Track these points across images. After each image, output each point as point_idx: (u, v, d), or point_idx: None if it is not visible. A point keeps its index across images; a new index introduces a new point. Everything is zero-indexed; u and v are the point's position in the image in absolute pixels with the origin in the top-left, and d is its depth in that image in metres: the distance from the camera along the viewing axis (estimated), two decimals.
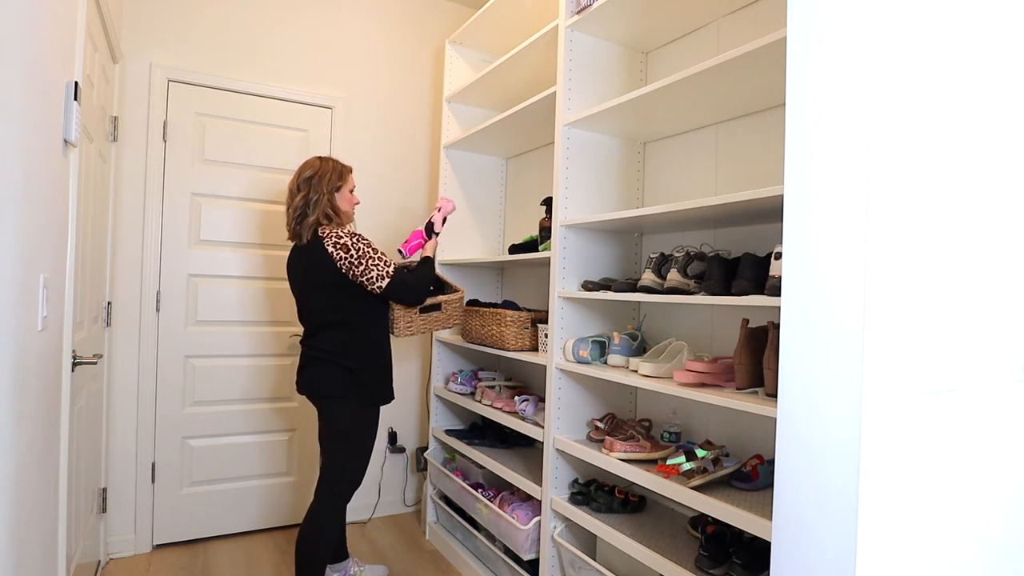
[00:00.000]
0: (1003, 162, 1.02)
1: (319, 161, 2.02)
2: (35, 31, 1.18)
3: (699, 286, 1.60)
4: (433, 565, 2.55)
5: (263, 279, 2.78)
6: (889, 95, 0.84)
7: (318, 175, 1.98)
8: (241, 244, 2.73)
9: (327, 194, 1.97)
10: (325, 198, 1.96)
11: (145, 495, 2.57)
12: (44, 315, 1.32)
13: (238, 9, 2.71)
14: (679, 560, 1.54)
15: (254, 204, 2.75)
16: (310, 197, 1.96)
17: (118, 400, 2.51)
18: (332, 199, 1.99)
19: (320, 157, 2.04)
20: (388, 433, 3.07)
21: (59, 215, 1.48)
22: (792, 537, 0.91)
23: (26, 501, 1.23)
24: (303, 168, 2.01)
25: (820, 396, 0.88)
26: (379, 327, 2.05)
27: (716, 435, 1.81)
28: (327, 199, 1.97)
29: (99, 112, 2.08)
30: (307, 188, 1.96)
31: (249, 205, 2.74)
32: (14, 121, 1.07)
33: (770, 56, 1.37)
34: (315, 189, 1.96)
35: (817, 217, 0.89)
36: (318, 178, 1.97)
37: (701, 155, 1.93)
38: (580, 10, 1.91)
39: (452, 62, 2.82)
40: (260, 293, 2.77)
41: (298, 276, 2.02)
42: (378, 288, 1.93)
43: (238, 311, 2.73)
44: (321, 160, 2.02)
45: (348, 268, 1.90)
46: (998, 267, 1.02)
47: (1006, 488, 1.05)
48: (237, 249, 2.73)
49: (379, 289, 1.93)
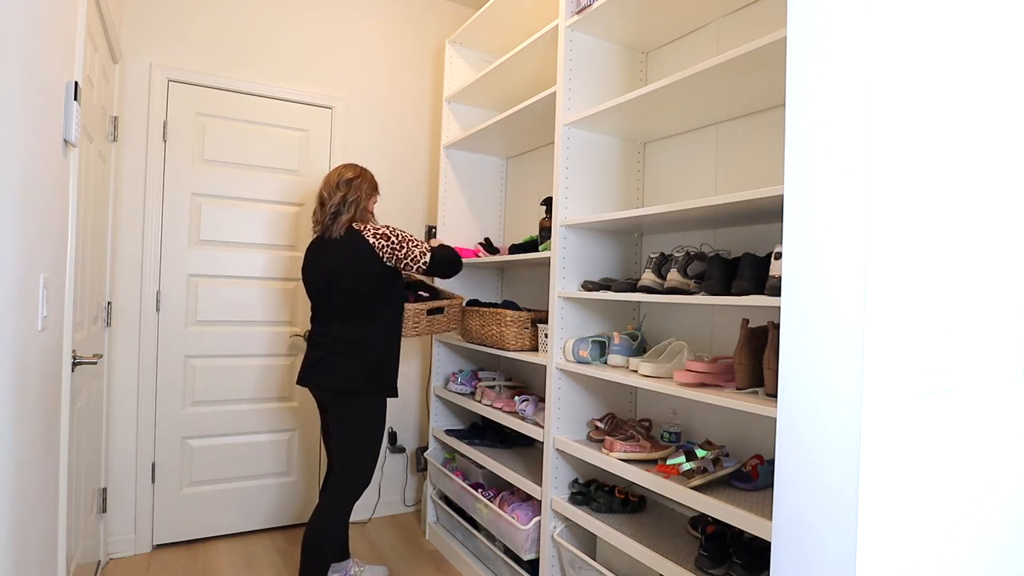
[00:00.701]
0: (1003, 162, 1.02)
1: (361, 168, 2.15)
2: (35, 31, 1.18)
3: (699, 286, 1.60)
4: (433, 565, 2.55)
5: (263, 279, 2.78)
6: (889, 95, 0.84)
7: (359, 179, 2.11)
8: (241, 244, 2.73)
9: (364, 199, 2.10)
10: (362, 202, 2.10)
11: (145, 495, 2.57)
12: (44, 315, 1.32)
13: (238, 9, 2.71)
14: (679, 560, 1.54)
15: (254, 204, 2.75)
16: (348, 197, 2.07)
17: (118, 400, 2.51)
18: (367, 203, 2.13)
19: (360, 166, 2.18)
20: (388, 433, 3.07)
21: (59, 215, 1.48)
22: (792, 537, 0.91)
23: (26, 501, 1.23)
24: (344, 169, 2.12)
25: (820, 396, 0.88)
26: (399, 322, 2.15)
27: (716, 435, 1.81)
28: (364, 203, 2.10)
29: (99, 112, 2.08)
30: (347, 188, 2.07)
31: (249, 205, 2.74)
32: (14, 121, 1.07)
33: (770, 56, 1.37)
34: (355, 191, 2.08)
35: (817, 217, 0.89)
36: (359, 182, 2.10)
37: (701, 155, 1.93)
38: (580, 10, 1.91)
39: (452, 62, 2.82)
40: (260, 293, 2.77)
41: (325, 268, 2.06)
42: (424, 264, 2.08)
43: (238, 311, 2.73)
44: (362, 168, 2.16)
45: (391, 254, 2.02)
46: (998, 267, 1.02)
47: (1006, 488, 1.05)
48: (237, 249, 2.73)
49: (424, 265, 2.08)
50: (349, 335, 2.02)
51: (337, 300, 2.03)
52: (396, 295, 2.11)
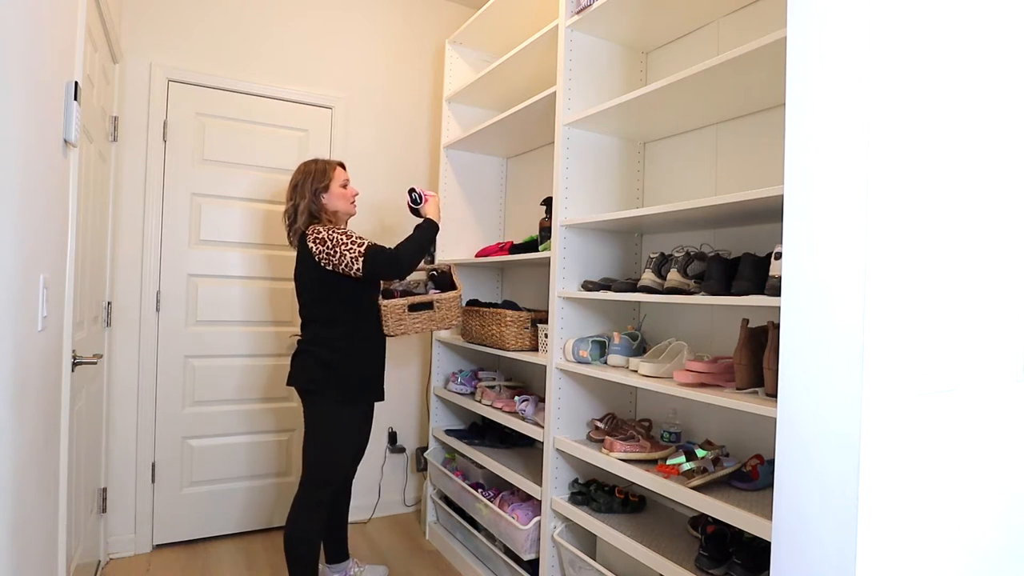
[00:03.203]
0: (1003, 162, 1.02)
1: (303, 166, 2.06)
2: (35, 31, 1.18)
3: (699, 286, 1.60)
4: (433, 565, 2.55)
5: (263, 279, 2.78)
6: (889, 95, 0.84)
7: (301, 181, 2.03)
8: (241, 244, 2.73)
9: (310, 198, 2.01)
10: (307, 202, 2.00)
11: (145, 495, 2.57)
12: (44, 315, 1.32)
13: (238, 9, 2.71)
14: (679, 560, 1.54)
15: (254, 204, 2.75)
16: (297, 204, 2.01)
17: (118, 400, 2.51)
18: (317, 201, 2.02)
19: (305, 162, 2.07)
20: (388, 433, 3.07)
21: (59, 215, 1.48)
22: (792, 537, 0.91)
23: (26, 501, 1.23)
24: (292, 177, 2.06)
25: (820, 396, 0.88)
26: (368, 323, 2.06)
27: (716, 435, 1.81)
28: (310, 202, 2.00)
29: (99, 112, 2.08)
30: (294, 196, 2.03)
31: (249, 205, 2.74)
32: (14, 121, 1.07)
33: (770, 56, 1.37)
34: (300, 195, 2.01)
35: (817, 217, 0.89)
36: (301, 184, 2.02)
37: (701, 155, 1.93)
38: (580, 10, 1.91)
39: (452, 62, 2.82)
40: (260, 293, 2.77)
41: (295, 274, 2.07)
42: (357, 271, 1.90)
43: (238, 311, 2.73)
44: (305, 164, 2.06)
45: (328, 260, 1.91)
46: (998, 267, 1.02)
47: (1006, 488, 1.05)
48: (237, 249, 2.73)
49: (358, 271, 1.90)
50: (311, 337, 2.02)
51: (304, 304, 2.05)
52: (356, 296, 2.00)
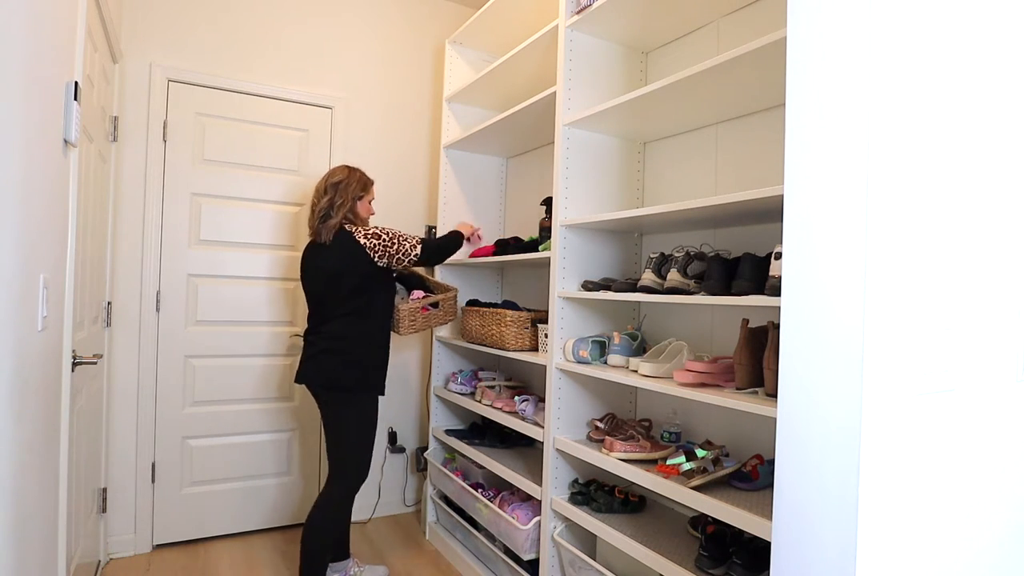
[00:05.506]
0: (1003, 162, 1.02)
1: (348, 170, 2.18)
2: (35, 31, 1.18)
3: (699, 286, 1.60)
4: (433, 565, 2.55)
5: (263, 279, 2.78)
6: (889, 95, 0.84)
7: (345, 182, 2.14)
8: (241, 244, 2.73)
9: (351, 201, 2.13)
10: (348, 204, 2.12)
11: (145, 495, 2.57)
12: (44, 315, 1.31)
13: (238, 9, 2.71)
14: (679, 560, 1.54)
15: (254, 204, 2.75)
16: (335, 201, 2.11)
17: (118, 400, 2.51)
18: (354, 205, 2.15)
19: (348, 167, 2.21)
20: (388, 433, 3.07)
21: (59, 215, 1.48)
22: (792, 537, 0.91)
23: (26, 501, 1.23)
24: (332, 173, 2.17)
25: (820, 396, 0.88)
26: (389, 320, 2.21)
27: (716, 435, 1.81)
28: (350, 205, 2.13)
29: (99, 112, 2.08)
30: (333, 192, 2.12)
31: (249, 205, 2.74)
32: (14, 121, 1.07)
33: (770, 56, 1.37)
34: (340, 194, 2.12)
35: (817, 217, 0.89)
36: (344, 185, 2.14)
37: (701, 155, 1.93)
38: (580, 10, 1.91)
39: (452, 62, 2.82)
40: (260, 293, 2.77)
41: (320, 270, 2.11)
42: (416, 255, 2.13)
43: (238, 311, 2.73)
44: (350, 170, 2.19)
45: (383, 253, 2.07)
46: (997, 267, 1.02)
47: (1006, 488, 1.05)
48: (237, 249, 2.73)
49: (416, 256, 2.13)
50: (339, 333, 2.08)
51: (330, 300, 2.09)
52: (386, 294, 2.17)
